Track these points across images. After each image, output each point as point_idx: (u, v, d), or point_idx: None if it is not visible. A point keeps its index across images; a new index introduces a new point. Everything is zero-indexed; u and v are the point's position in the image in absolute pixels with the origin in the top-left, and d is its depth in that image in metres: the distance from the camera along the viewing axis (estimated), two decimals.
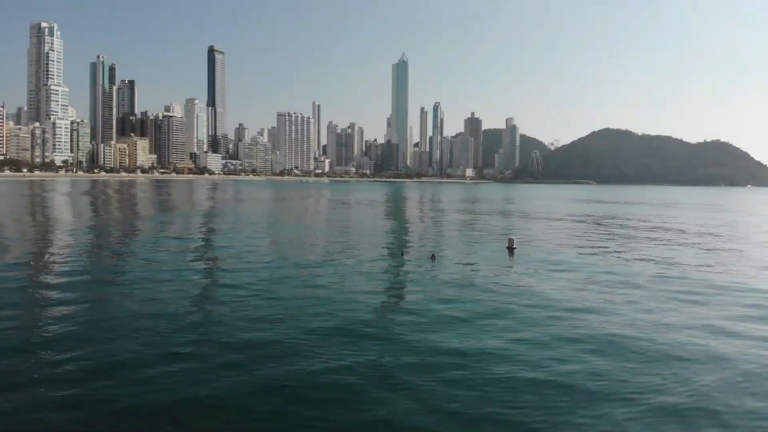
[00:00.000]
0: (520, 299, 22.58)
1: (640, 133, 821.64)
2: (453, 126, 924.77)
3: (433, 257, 33.02)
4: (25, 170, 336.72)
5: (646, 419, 11.84)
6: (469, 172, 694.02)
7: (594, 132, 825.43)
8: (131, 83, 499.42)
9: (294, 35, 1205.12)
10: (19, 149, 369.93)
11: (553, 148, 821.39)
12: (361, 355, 15.43)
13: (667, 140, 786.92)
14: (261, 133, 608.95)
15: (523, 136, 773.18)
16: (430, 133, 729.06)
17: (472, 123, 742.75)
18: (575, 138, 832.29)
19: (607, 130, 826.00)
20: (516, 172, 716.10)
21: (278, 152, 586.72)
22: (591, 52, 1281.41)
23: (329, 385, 13.32)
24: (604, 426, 11.53)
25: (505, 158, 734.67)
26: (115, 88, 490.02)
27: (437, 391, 13.06)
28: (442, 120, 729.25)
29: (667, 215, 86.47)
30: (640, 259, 34.91)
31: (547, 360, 15.21)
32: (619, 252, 38.82)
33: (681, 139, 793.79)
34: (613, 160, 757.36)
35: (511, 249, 36.98)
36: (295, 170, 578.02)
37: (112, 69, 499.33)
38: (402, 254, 34.87)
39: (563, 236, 50.12)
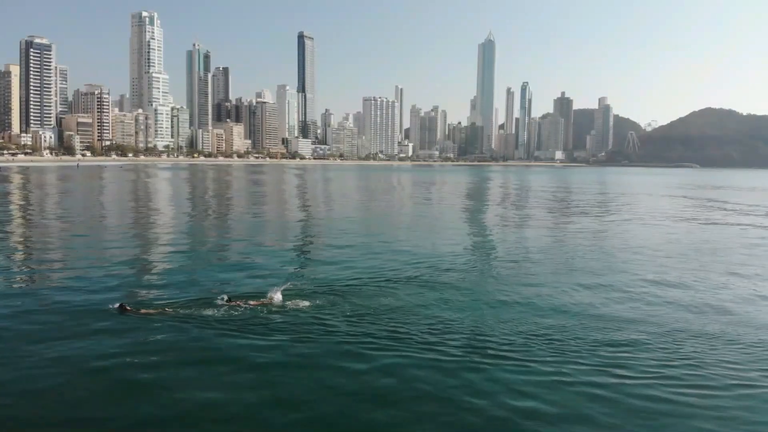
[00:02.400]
0: None
1: (744, 113, 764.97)
2: (541, 107, 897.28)
3: None
4: (130, 155, 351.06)
5: None
6: (559, 154, 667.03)
7: (694, 112, 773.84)
8: (226, 70, 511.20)
9: (377, 18, 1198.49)
10: (124, 135, 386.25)
11: (649, 129, 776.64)
12: None
13: None
14: (346, 118, 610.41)
15: (616, 117, 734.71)
16: (516, 114, 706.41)
17: (562, 103, 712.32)
18: (674, 118, 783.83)
19: (709, 109, 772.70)
20: (610, 154, 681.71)
21: (364, 137, 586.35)
22: (689, 25, 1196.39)
23: None
24: None
25: (598, 140, 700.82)
26: (210, 75, 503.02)
27: None
28: (530, 100, 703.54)
29: None
30: None
31: None
32: None
33: None
34: (716, 141, 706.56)
35: None
36: (379, 154, 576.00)
37: (207, 57, 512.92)
38: None
39: None
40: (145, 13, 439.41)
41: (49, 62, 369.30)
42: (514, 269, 26.66)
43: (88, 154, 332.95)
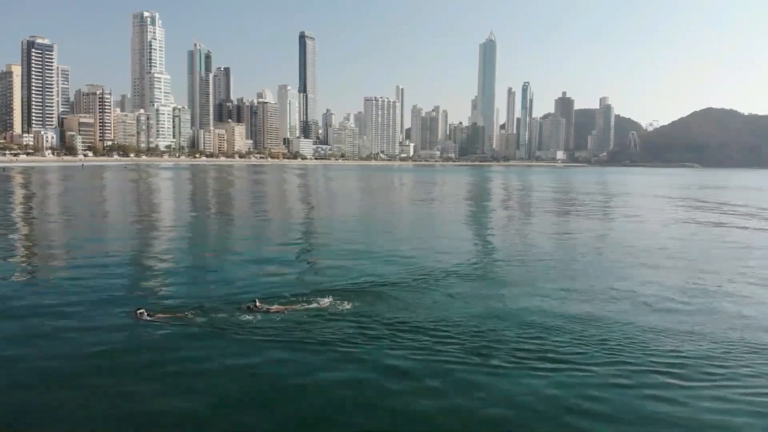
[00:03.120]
0: None
1: (746, 113, 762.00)
2: (542, 107, 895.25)
3: None
4: (132, 155, 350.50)
5: None
6: (560, 154, 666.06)
7: (696, 112, 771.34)
8: (227, 70, 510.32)
9: (378, 18, 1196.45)
10: (125, 135, 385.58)
11: (651, 129, 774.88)
12: None
13: None
14: (347, 118, 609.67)
15: (618, 117, 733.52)
16: (517, 114, 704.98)
17: (564, 103, 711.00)
18: (675, 119, 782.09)
19: (710, 109, 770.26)
20: (611, 154, 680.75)
21: (365, 137, 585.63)
22: (690, 25, 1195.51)
23: None
24: None
25: (599, 140, 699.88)
26: (211, 75, 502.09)
27: None
28: (531, 100, 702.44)
29: None
30: None
31: None
32: None
33: None
34: (718, 142, 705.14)
35: None
36: (381, 154, 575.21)
37: (208, 57, 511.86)
38: None
39: None
40: (146, 14, 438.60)
41: (51, 62, 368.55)
42: (544, 271, 26.33)
43: (90, 154, 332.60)
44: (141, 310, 17.63)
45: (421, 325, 17.06)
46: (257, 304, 18.50)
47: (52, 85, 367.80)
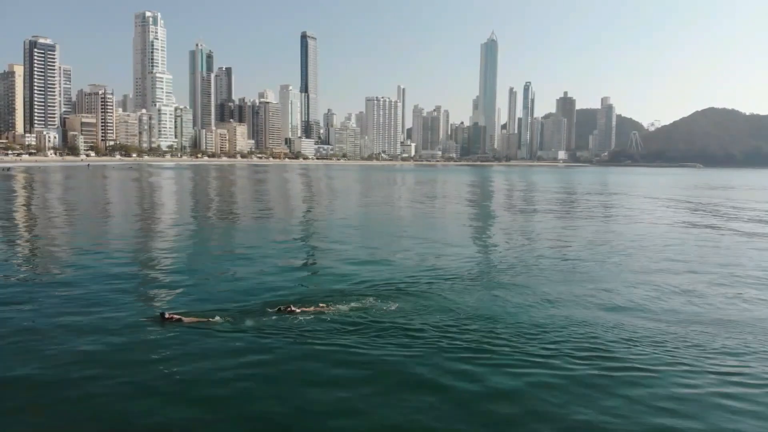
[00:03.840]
0: None
1: (747, 113, 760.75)
2: (544, 106, 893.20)
3: None
4: (134, 155, 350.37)
5: None
6: (562, 154, 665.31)
7: (697, 112, 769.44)
8: (228, 70, 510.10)
9: (380, 18, 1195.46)
10: (127, 135, 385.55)
11: (652, 129, 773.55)
12: None
13: None
14: (349, 118, 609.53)
15: (619, 117, 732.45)
16: (519, 114, 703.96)
17: (565, 103, 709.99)
18: (676, 118, 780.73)
19: (712, 109, 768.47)
20: (613, 154, 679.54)
21: (366, 137, 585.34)
22: (692, 25, 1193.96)
23: None
24: None
25: (601, 140, 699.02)
26: (213, 75, 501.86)
27: None
28: (532, 100, 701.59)
29: None
30: None
31: None
32: None
33: None
34: (719, 141, 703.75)
35: None
36: (382, 154, 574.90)
37: (209, 57, 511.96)
38: None
39: None
40: (148, 13, 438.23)
41: (53, 62, 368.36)
42: (562, 271, 26.23)
43: (92, 154, 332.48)
44: (167, 313, 17.35)
45: (462, 325, 16.92)
46: (291, 307, 18.24)
47: (54, 85, 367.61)
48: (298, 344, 15.27)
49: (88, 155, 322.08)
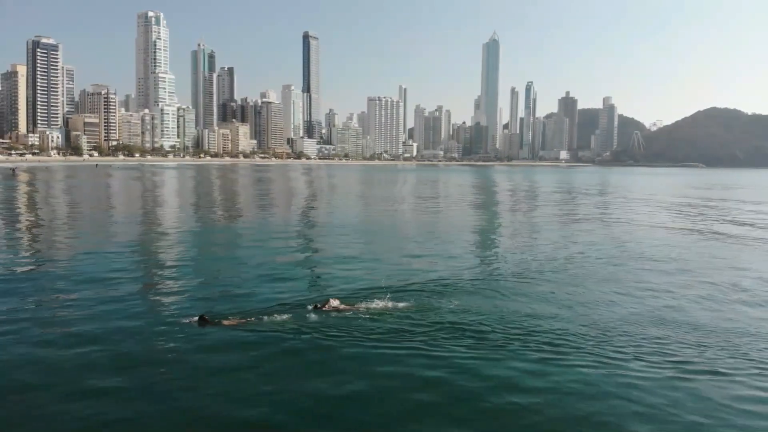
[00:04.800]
0: None
1: (750, 113, 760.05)
2: (546, 106, 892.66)
3: None
4: (137, 155, 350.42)
5: None
6: (563, 154, 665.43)
7: (699, 112, 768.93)
8: (231, 70, 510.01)
9: (382, 18, 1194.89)
10: (130, 135, 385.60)
11: (654, 129, 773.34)
12: None
13: None
14: (350, 118, 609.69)
15: (621, 117, 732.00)
16: (521, 114, 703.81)
17: (567, 103, 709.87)
18: (678, 118, 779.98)
19: (714, 109, 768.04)
20: (615, 154, 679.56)
21: (368, 137, 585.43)
22: (694, 24, 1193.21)
23: None
24: None
25: (602, 140, 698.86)
26: (215, 75, 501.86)
27: None
28: (534, 100, 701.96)
29: None
30: None
31: None
32: None
33: None
34: (721, 141, 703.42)
35: None
36: (384, 154, 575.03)
37: (211, 57, 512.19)
38: None
39: None
40: (151, 13, 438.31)
41: (56, 62, 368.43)
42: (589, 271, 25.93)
43: (96, 154, 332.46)
44: (204, 316, 16.95)
45: (498, 326, 16.62)
46: (331, 303, 17.95)
47: (57, 84, 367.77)
48: (348, 342, 14.91)
49: (91, 155, 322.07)
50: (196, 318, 16.75)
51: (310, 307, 17.84)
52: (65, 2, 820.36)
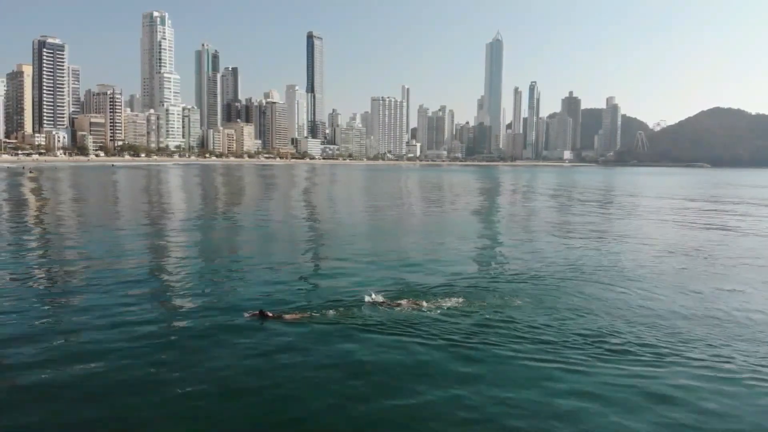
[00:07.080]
0: None
1: (754, 113, 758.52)
2: (549, 106, 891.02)
3: None
4: (142, 155, 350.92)
5: None
6: (567, 154, 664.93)
7: (703, 112, 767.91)
8: (234, 70, 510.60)
9: (385, 18, 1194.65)
10: (136, 135, 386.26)
11: (658, 129, 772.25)
12: None
13: None
14: (354, 118, 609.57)
15: (624, 116, 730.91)
16: (524, 114, 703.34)
17: (570, 103, 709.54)
18: (682, 118, 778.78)
19: (718, 109, 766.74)
20: (618, 154, 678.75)
21: (372, 137, 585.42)
22: (697, 24, 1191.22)
23: None
24: None
25: (606, 139, 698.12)
26: (219, 75, 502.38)
27: None
28: (538, 100, 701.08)
29: None
30: None
31: None
32: None
33: None
34: (725, 141, 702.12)
35: None
36: (388, 154, 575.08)
37: (215, 57, 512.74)
38: None
39: None
40: (156, 13, 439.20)
41: (62, 62, 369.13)
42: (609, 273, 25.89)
43: (102, 154, 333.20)
44: (264, 312, 17.18)
45: (583, 324, 16.85)
46: (374, 297, 18.22)
47: (63, 84, 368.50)
48: (406, 339, 15.02)
49: (97, 155, 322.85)
50: (257, 312, 17.10)
51: (364, 301, 18.06)
52: (71, 2, 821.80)
